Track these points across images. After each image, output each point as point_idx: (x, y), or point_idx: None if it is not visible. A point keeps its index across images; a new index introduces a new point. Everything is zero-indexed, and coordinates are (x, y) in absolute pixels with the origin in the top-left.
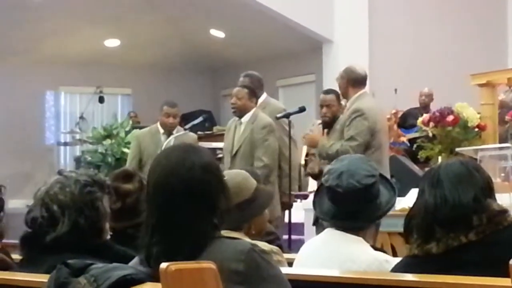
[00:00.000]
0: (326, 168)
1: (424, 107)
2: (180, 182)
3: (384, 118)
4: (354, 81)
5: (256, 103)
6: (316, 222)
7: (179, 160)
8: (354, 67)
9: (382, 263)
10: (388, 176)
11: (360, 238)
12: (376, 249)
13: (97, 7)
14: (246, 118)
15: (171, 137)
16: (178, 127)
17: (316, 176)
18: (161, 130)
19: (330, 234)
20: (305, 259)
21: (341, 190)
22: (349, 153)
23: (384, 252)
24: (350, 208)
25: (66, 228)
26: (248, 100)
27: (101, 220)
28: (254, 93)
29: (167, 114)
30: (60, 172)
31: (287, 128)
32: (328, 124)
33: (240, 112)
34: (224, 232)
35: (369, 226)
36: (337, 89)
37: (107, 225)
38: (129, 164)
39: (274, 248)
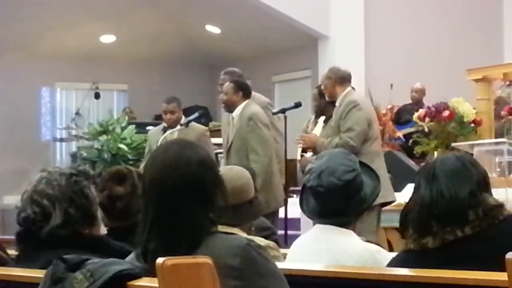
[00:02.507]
0: (308, 167)
1: (417, 103)
2: (176, 177)
3: (374, 111)
4: (341, 79)
5: (245, 95)
6: None
7: (175, 155)
8: (338, 66)
9: (374, 253)
10: (385, 168)
11: (350, 231)
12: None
13: (92, 2)
14: (237, 112)
15: (170, 131)
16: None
17: None
18: (163, 126)
19: (320, 229)
20: (296, 254)
21: (323, 190)
22: (349, 144)
23: (381, 247)
24: (334, 206)
25: (59, 220)
26: (234, 94)
27: (93, 207)
28: (240, 87)
29: (164, 111)
30: (43, 170)
31: (278, 122)
32: (318, 114)
33: (227, 107)
34: (221, 227)
35: (357, 220)
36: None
37: (99, 213)
38: (144, 161)
39: (271, 243)
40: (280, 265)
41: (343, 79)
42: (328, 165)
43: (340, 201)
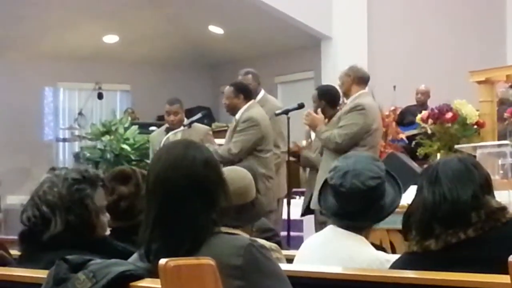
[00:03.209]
0: (333, 164)
1: (421, 105)
2: (181, 176)
3: (381, 119)
4: (359, 79)
5: (246, 98)
6: (304, 213)
7: (180, 155)
8: (359, 66)
9: (383, 263)
10: None
11: (362, 237)
12: (375, 246)
13: (95, 2)
14: (238, 115)
15: (172, 132)
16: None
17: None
18: (165, 127)
19: (332, 231)
20: (306, 256)
21: (345, 190)
22: (335, 140)
23: (384, 249)
24: (353, 208)
25: (60, 227)
26: (235, 98)
27: (91, 216)
28: (240, 90)
29: (167, 112)
30: (53, 169)
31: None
32: None
33: (230, 110)
34: (223, 229)
35: (371, 227)
36: (335, 85)
37: (103, 219)
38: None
39: (273, 245)
40: (284, 266)
41: (361, 80)
42: (355, 167)
43: (360, 205)
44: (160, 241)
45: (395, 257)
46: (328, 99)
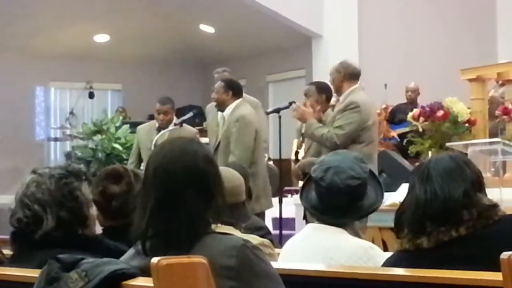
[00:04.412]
0: (321, 158)
1: (412, 103)
2: (181, 169)
3: (376, 114)
4: (350, 75)
5: (235, 95)
6: (306, 217)
7: (182, 148)
8: (349, 61)
9: (367, 250)
10: (376, 172)
11: (342, 229)
12: None
13: (86, 2)
14: (227, 111)
15: (162, 132)
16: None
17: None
18: (157, 126)
19: (312, 227)
20: (289, 253)
21: (324, 185)
22: (333, 140)
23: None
24: (330, 204)
25: (51, 224)
26: (224, 93)
27: (83, 208)
28: (230, 86)
29: (157, 111)
30: (34, 171)
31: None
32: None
33: (218, 106)
34: (217, 226)
35: (350, 223)
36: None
37: (92, 212)
38: (131, 157)
39: (265, 240)
40: (275, 265)
41: (352, 75)
42: (339, 164)
43: (336, 203)
44: (156, 237)
45: (377, 248)
46: (327, 94)
